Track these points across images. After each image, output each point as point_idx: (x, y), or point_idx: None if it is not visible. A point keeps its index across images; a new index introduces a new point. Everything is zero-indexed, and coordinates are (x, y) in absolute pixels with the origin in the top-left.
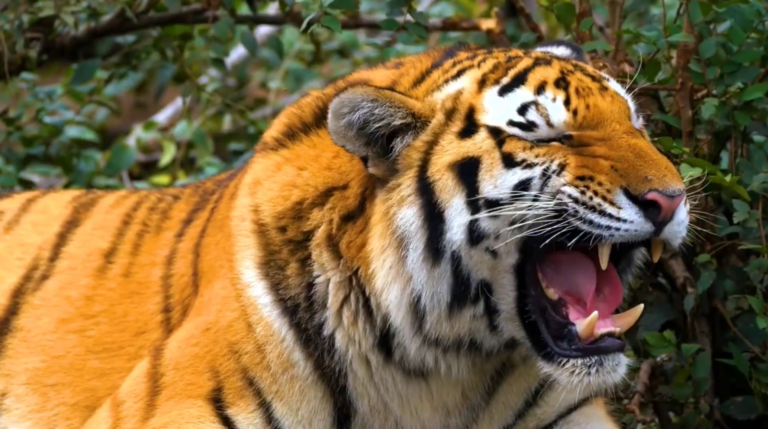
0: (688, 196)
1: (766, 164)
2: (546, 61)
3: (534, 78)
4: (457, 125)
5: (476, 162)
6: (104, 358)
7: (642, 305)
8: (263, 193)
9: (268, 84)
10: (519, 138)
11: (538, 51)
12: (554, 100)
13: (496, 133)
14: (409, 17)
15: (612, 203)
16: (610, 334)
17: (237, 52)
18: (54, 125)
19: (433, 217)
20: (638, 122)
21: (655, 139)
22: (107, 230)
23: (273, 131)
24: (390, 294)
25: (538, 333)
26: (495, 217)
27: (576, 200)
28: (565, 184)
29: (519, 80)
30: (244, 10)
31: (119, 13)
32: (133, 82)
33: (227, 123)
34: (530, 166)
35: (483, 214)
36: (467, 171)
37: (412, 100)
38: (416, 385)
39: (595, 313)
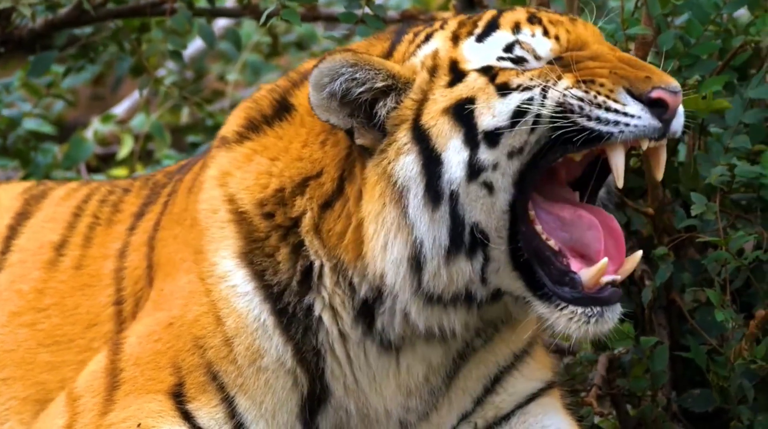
0: None
1: (724, 157)
2: (510, 9)
3: (506, 21)
4: (443, 79)
5: (471, 101)
6: (55, 351)
7: (641, 252)
8: (237, 183)
9: (226, 76)
10: (513, 70)
11: None
12: (533, 35)
13: (486, 70)
14: (367, 10)
15: (616, 101)
16: (612, 283)
17: (195, 45)
18: (11, 118)
19: (431, 161)
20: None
21: None
22: (58, 223)
23: (232, 126)
24: (390, 253)
25: (532, 274)
26: (494, 145)
27: (581, 99)
28: (567, 87)
29: (492, 26)
30: (202, 2)
31: (77, 5)
32: (90, 75)
33: (185, 115)
34: (528, 88)
35: (482, 147)
36: (462, 111)
37: (390, 63)
38: (386, 360)
39: (605, 259)
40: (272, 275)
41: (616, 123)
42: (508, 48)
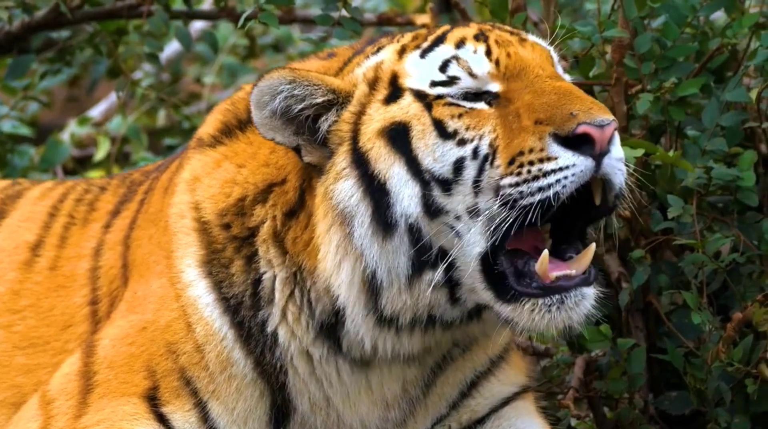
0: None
1: (701, 159)
2: (463, 24)
3: (453, 36)
4: (381, 93)
5: (406, 127)
6: (30, 354)
7: (594, 244)
8: (203, 191)
9: (203, 79)
10: (446, 100)
11: None
12: (475, 51)
13: (421, 96)
14: (344, 12)
15: (548, 158)
16: (566, 277)
17: (171, 47)
18: None
19: (375, 189)
20: (561, 69)
21: None
22: (34, 223)
23: (208, 128)
24: (341, 274)
25: (503, 282)
26: (449, 194)
27: (516, 185)
28: (501, 176)
29: (439, 40)
30: (178, 5)
31: (53, 7)
32: (66, 77)
33: (162, 118)
34: (462, 142)
35: (436, 191)
36: (398, 137)
37: (329, 77)
38: (358, 376)
39: (546, 251)
40: (228, 288)
41: (558, 181)
42: (444, 66)
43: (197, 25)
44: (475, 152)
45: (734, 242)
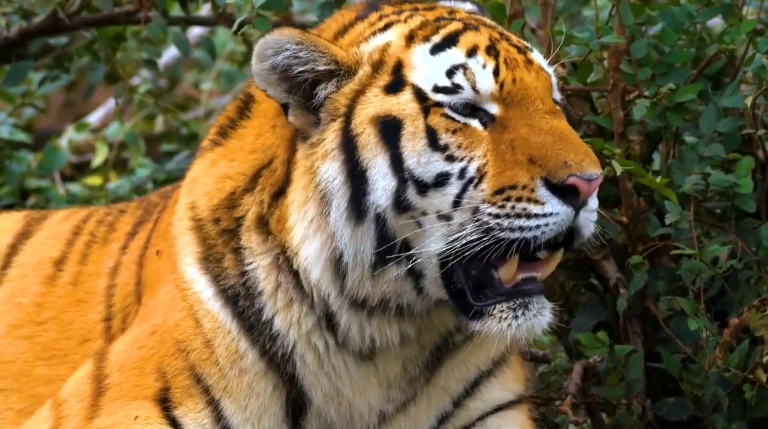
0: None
1: (698, 165)
2: (474, 26)
3: (466, 41)
4: (383, 79)
5: (399, 124)
6: (52, 365)
7: (561, 251)
8: (198, 189)
9: (201, 85)
10: (444, 110)
11: (446, 4)
12: (484, 66)
13: (421, 97)
14: None
15: (536, 202)
16: (532, 280)
17: (169, 53)
18: None
19: (356, 175)
20: (558, 95)
21: (587, 140)
22: (58, 240)
23: (209, 135)
24: (309, 247)
25: (463, 296)
26: (423, 195)
27: (497, 216)
28: (483, 202)
29: (451, 41)
30: (176, 11)
31: (51, 13)
32: (64, 82)
33: (159, 124)
34: (451, 158)
35: (411, 189)
36: (389, 131)
37: (336, 47)
38: (366, 367)
39: (516, 256)
40: (225, 280)
41: (538, 227)
42: (451, 72)
43: (195, 32)
44: (462, 172)
45: (732, 248)
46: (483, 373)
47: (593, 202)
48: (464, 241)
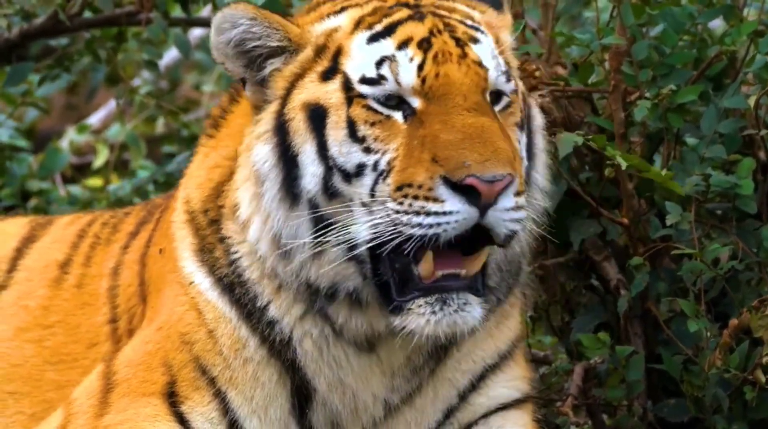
0: None
1: (699, 167)
2: (421, 15)
3: (402, 32)
4: (322, 65)
5: (325, 113)
6: (61, 369)
7: (487, 248)
8: (192, 182)
9: (202, 86)
10: (366, 101)
11: None
12: (411, 59)
13: (347, 87)
14: None
15: (435, 200)
16: (454, 276)
17: (170, 55)
18: None
19: (287, 160)
20: (508, 84)
21: (589, 138)
22: (64, 243)
23: (204, 130)
24: (252, 225)
25: (388, 289)
26: (348, 183)
27: (397, 212)
28: (387, 198)
29: (389, 31)
30: (177, 12)
31: (52, 15)
32: (65, 84)
33: (160, 125)
34: (368, 150)
35: (337, 177)
36: (317, 118)
37: (291, 25)
38: (367, 356)
39: (430, 252)
40: (219, 269)
41: (438, 224)
42: (380, 62)
43: (196, 33)
44: (376, 165)
45: (733, 249)
46: (489, 366)
47: (506, 201)
48: (379, 231)
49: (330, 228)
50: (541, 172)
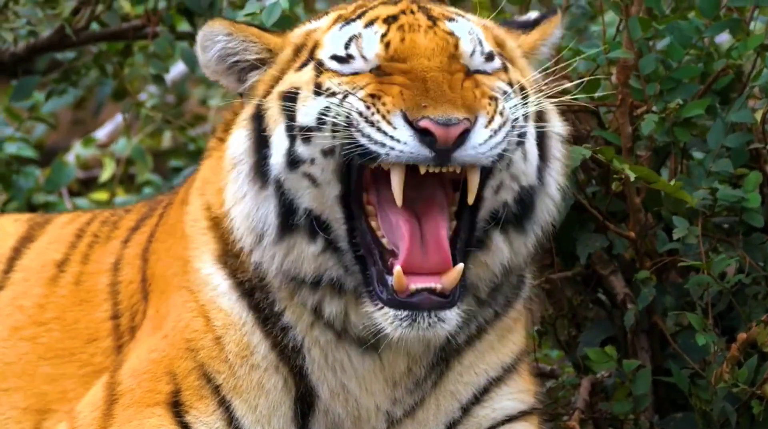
0: None
1: (706, 180)
2: (395, 1)
3: (371, 14)
4: (298, 61)
5: (296, 92)
6: (56, 364)
7: (461, 265)
8: (210, 188)
9: (208, 101)
10: (334, 71)
11: None
12: (375, 33)
13: (318, 66)
14: None
15: (389, 123)
16: (429, 291)
17: (177, 69)
18: None
19: (261, 143)
20: (486, 64)
21: (597, 150)
22: (61, 243)
23: (216, 133)
24: (235, 211)
25: (367, 269)
26: (307, 141)
27: (360, 113)
28: (357, 100)
29: (359, 16)
30: (184, 26)
31: (58, 29)
32: (72, 98)
33: (167, 139)
34: (333, 93)
35: (298, 141)
36: (289, 100)
37: (270, 35)
38: (371, 360)
39: (399, 267)
40: (242, 273)
41: (383, 145)
42: (348, 42)
43: None
44: (344, 97)
45: (739, 263)
46: (493, 380)
47: (476, 138)
48: (336, 123)
49: (295, 206)
50: (554, 177)
